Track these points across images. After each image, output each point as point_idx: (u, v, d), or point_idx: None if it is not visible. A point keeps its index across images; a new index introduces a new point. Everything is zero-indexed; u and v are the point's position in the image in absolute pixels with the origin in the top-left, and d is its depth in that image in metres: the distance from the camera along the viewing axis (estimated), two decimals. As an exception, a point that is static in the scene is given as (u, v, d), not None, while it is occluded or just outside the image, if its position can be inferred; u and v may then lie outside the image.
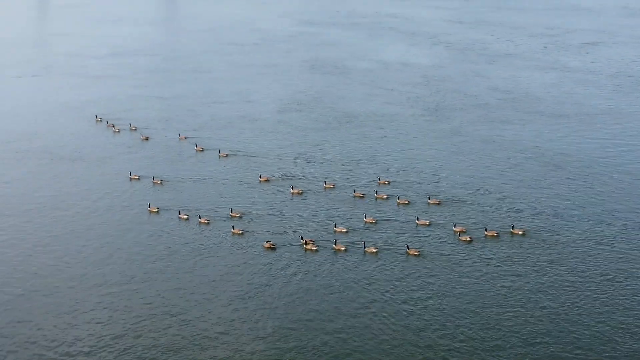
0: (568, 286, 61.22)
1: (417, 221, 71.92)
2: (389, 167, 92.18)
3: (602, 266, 65.06)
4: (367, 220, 72.57)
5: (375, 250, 65.25)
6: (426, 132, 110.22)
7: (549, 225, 73.84)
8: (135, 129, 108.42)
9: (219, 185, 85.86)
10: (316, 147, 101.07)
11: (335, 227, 70.51)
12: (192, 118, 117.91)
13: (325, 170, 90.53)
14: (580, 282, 62.05)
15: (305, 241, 66.17)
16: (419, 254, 65.38)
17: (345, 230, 70.04)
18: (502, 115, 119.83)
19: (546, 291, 60.41)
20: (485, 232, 69.21)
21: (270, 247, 65.74)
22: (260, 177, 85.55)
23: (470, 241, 68.26)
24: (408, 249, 65.51)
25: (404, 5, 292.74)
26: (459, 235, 68.64)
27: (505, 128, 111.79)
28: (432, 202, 77.65)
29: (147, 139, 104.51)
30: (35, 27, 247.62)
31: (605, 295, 59.91)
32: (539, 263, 65.40)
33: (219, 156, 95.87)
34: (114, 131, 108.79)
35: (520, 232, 69.86)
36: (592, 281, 62.23)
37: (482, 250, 67.58)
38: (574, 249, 68.43)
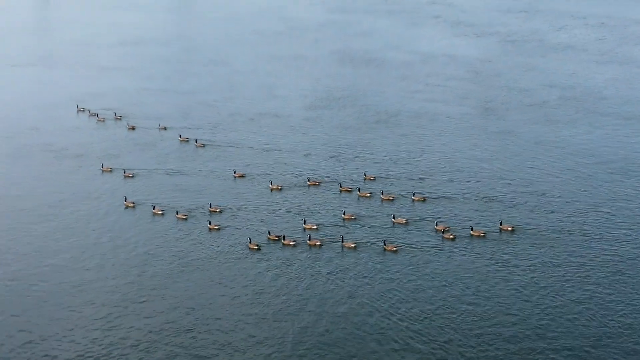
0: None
1: (393, 219, 74.21)
2: (427, 169, 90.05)
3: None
4: (346, 217, 75.08)
5: (353, 245, 68.37)
6: (473, 132, 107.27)
7: (598, 230, 70.86)
8: (120, 119, 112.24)
9: (195, 178, 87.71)
10: (346, 148, 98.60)
11: (304, 223, 72.98)
12: (210, 114, 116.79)
13: (349, 171, 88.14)
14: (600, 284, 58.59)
15: (281, 237, 69.81)
16: (396, 250, 67.55)
17: (315, 227, 72.47)
18: (561, 115, 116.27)
19: (532, 289, 58.52)
20: (471, 232, 71.20)
21: (255, 248, 68.53)
22: (235, 172, 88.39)
23: (454, 239, 70.10)
24: (385, 245, 68.13)
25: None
26: (442, 233, 70.90)
27: (563, 129, 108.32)
28: (416, 198, 79.96)
29: (133, 128, 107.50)
30: (38, 13, 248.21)
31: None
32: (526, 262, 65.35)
33: (196, 146, 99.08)
34: (98, 121, 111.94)
35: (510, 228, 71.78)
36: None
37: (468, 247, 68.88)
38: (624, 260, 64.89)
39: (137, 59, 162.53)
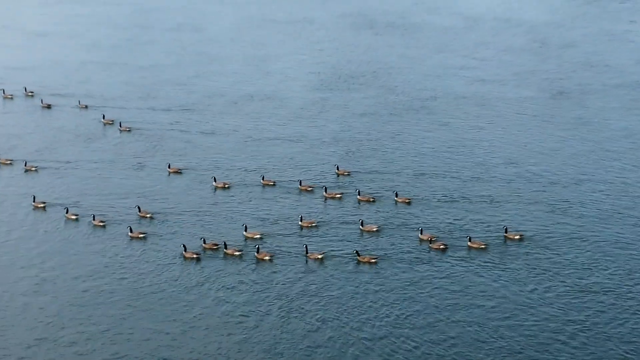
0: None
1: (361, 227, 77.81)
2: (477, 169, 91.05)
3: None
4: (304, 224, 78.49)
5: (320, 257, 71.82)
6: (538, 121, 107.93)
7: None
8: (32, 95, 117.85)
9: (120, 173, 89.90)
10: (363, 142, 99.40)
11: (245, 230, 76.17)
12: (177, 95, 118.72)
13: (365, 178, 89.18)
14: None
15: (221, 245, 73.05)
16: (375, 262, 70.35)
17: (258, 235, 75.62)
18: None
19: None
20: (469, 243, 74.54)
21: (193, 257, 71.73)
22: (169, 167, 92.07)
23: (445, 249, 73.18)
24: (359, 255, 71.56)
25: None
26: (430, 242, 74.49)
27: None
28: (399, 200, 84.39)
29: (48, 106, 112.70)
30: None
31: None
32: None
33: (120, 130, 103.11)
34: (5, 97, 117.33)
35: (517, 237, 75.60)
36: None
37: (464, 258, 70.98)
38: None
39: (77, 22, 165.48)
